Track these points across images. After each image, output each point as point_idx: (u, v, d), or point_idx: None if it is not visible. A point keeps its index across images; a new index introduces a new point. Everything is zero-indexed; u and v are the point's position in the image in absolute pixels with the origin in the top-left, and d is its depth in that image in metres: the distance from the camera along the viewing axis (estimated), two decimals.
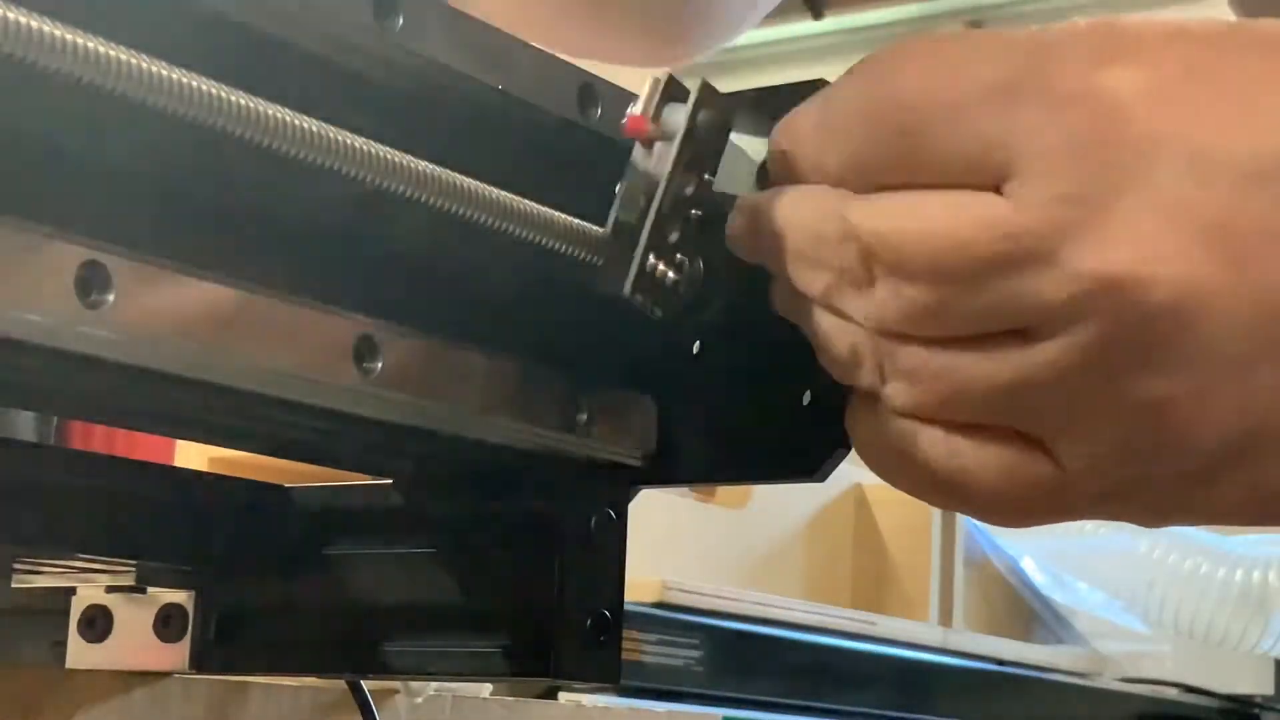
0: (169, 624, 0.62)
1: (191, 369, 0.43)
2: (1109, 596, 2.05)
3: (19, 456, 0.58)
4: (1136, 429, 0.44)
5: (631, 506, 0.56)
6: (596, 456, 0.54)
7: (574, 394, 0.53)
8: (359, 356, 0.46)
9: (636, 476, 0.55)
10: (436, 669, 0.56)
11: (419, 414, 0.49)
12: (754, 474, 0.58)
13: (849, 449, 0.52)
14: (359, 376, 0.46)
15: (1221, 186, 0.43)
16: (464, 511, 0.56)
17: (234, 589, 0.60)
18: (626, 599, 0.55)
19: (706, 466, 0.56)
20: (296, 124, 0.43)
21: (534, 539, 0.54)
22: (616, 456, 0.54)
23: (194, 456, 0.81)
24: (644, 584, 1.26)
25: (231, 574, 0.60)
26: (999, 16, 3.08)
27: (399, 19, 0.47)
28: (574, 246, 0.51)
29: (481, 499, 0.56)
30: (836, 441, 0.52)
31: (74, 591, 0.64)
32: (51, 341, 0.39)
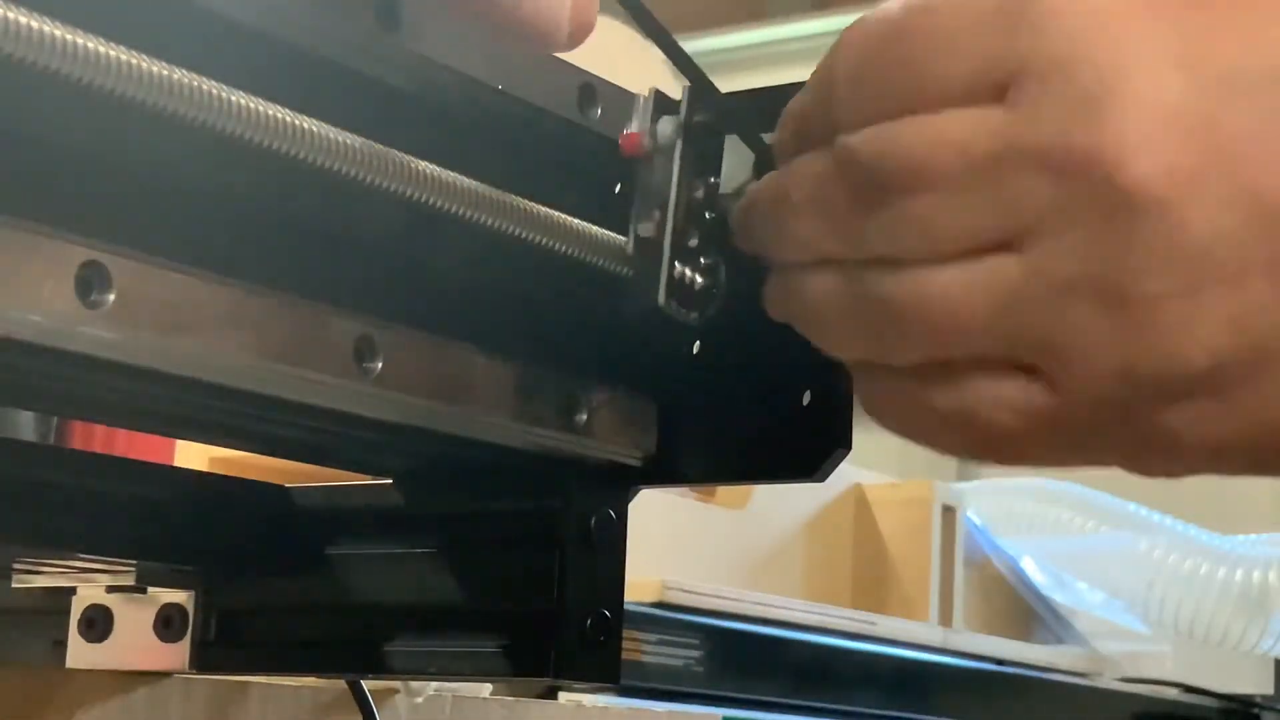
0: (169, 624, 0.62)
1: (191, 369, 0.43)
2: (1109, 596, 2.05)
3: (19, 456, 0.58)
4: (1130, 337, 0.44)
5: (631, 506, 0.56)
6: (596, 456, 0.54)
7: (574, 394, 0.53)
8: (359, 356, 0.46)
9: (636, 476, 0.55)
10: (436, 669, 0.56)
11: (419, 414, 0.49)
12: (754, 474, 0.58)
13: (849, 449, 0.52)
14: (359, 376, 0.46)
15: (1211, 92, 0.43)
16: (464, 511, 0.56)
17: (234, 589, 0.60)
18: (626, 599, 0.55)
19: (706, 466, 0.56)
20: (297, 125, 0.43)
21: (534, 539, 0.54)
22: (616, 456, 0.54)
23: (194, 456, 0.81)
24: (644, 584, 1.26)
25: (231, 574, 0.60)
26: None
27: (400, 20, 0.47)
28: (574, 247, 0.51)
29: (481, 499, 0.56)
30: (836, 441, 0.52)
31: (74, 591, 0.64)
32: (51, 341, 0.39)
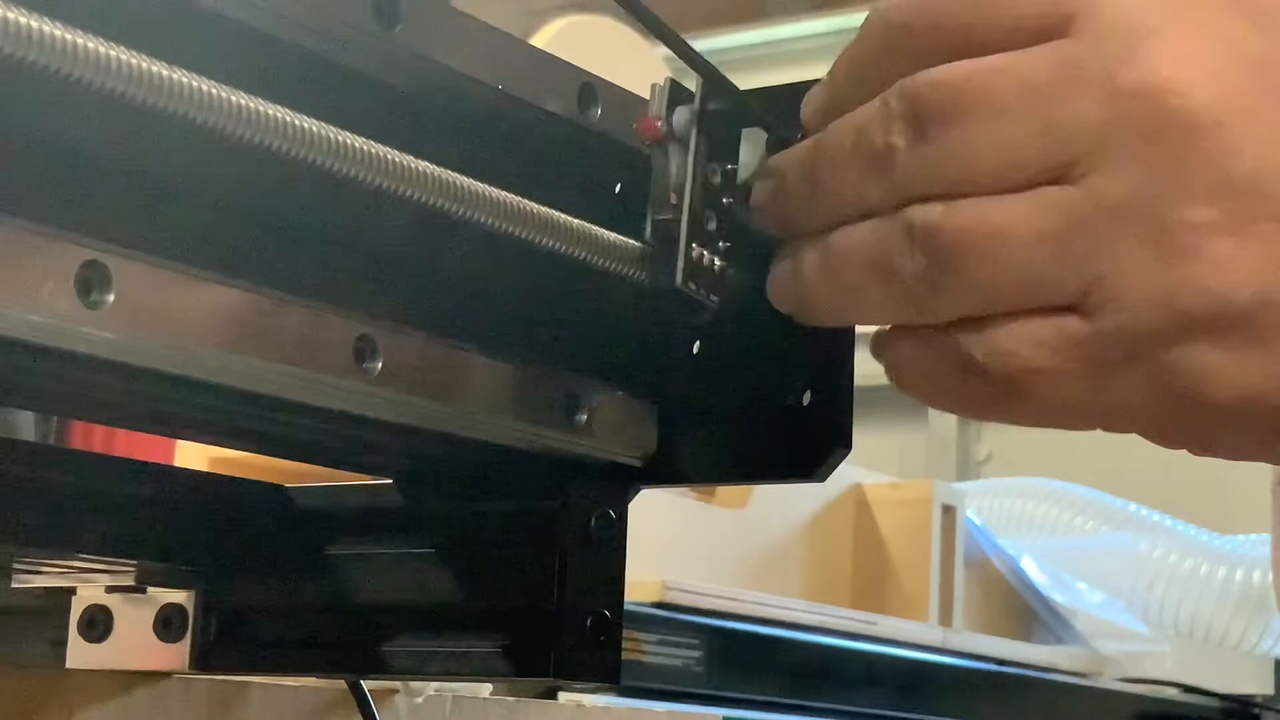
0: (169, 624, 0.62)
1: (191, 369, 0.43)
2: (1109, 596, 2.05)
3: (19, 456, 0.58)
4: (1173, 267, 0.43)
5: (631, 506, 0.56)
6: (596, 456, 0.54)
7: (574, 394, 0.53)
8: (359, 356, 0.46)
9: (636, 476, 0.55)
10: (436, 669, 0.56)
11: (419, 414, 0.49)
12: (754, 474, 0.58)
13: (849, 449, 0.52)
14: (359, 376, 0.46)
15: (1273, 30, 0.43)
16: (464, 511, 0.56)
17: (234, 589, 0.60)
18: (626, 599, 0.55)
19: (706, 466, 0.56)
20: (297, 124, 0.43)
21: (534, 539, 0.54)
22: (616, 456, 0.54)
23: (194, 456, 0.81)
24: (644, 584, 1.26)
25: (231, 574, 0.60)
26: None
27: (400, 19, 0.47)
28: (574, 247, 0.51)
29: (481, 499, 0.56)
30: (836, 441, 0.52)
31: (74, 591, 0.64)
32: (51, 341, 0.39)
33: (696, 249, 0.50)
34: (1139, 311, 0.44)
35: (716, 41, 3.52)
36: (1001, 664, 1.71)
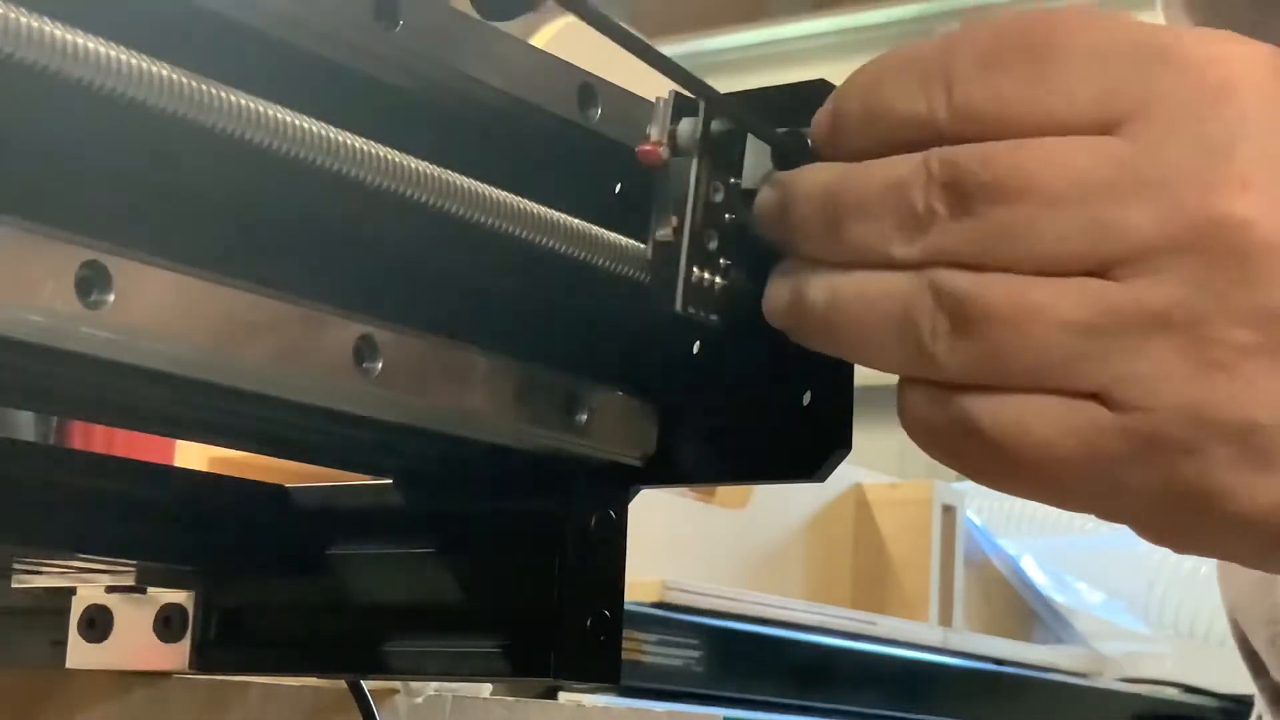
0: (169, 624, 0.62)
1: (191, 369, 0.43)
2: (1109, 596, 2.05)
3: (19, 456, 0.58)
4: (1206, 379, 0.43)
5: (631, 506, 0.56)
6: (596, 456, 0.54)
7: (574, 394, 0.53)
8: (359, 356, 0.46)
9: (636, 476, 0.55)
10: (436, 669, 0.56)
11: (419, 414, 0.49)
12: (754, 474, 0.58)
13: (849, 449, 0.51)
14: (359, 376, 0.46)
15: None
16: (464, 511, 0.56)
17: (234, 589, 0.60)
18: (626, 599, 0.55)
19: (706, 466, 0.56)
20: (297, 124, 0.43)
21: (534, 539, 0.54)
22: (616, 456, 0.54)
23: (194, 456, 0.81)
24: (644, 584, 1.26)
25: (231, 574, 0.60)
26: (999, 16, 3.08)
27: (399, 19, 0.47)
28: (574, 247, 0.51)
29: (481, 499, 0.56)
30: (836, 441, 0.51)
31: (74, 591, 0.64)
32: (51, 341, 0.39)
33: (696, 272, 0.50)
34: (1165, 415, 0.44)
35: (716, 41, 3.52)
36: (1001, 664, 1.71)
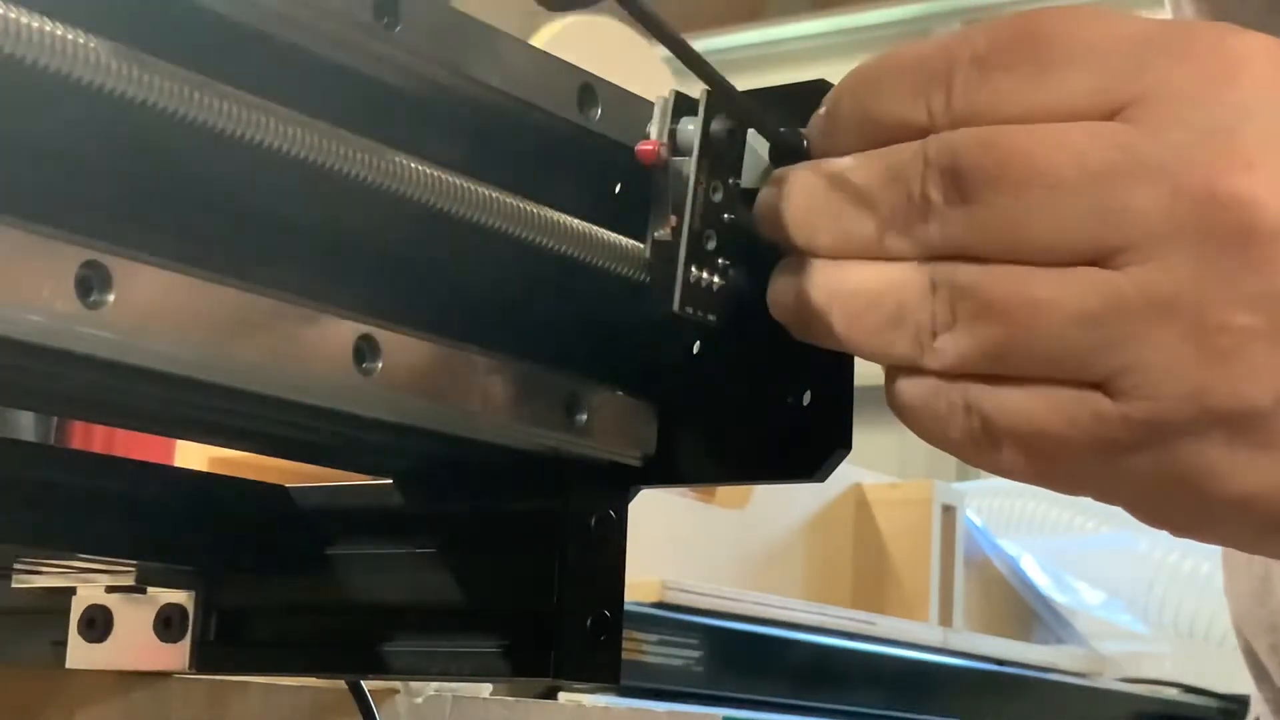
0: (169, 624, 0.62)
1: (191, 369, 0.43)
2: (1109, 596, 2.05)
3: (19, 456, 0.58)
4: (1209, 365, 0.43)
5: (631, 506, 0.56)
6: (596, 456, 0.54)
7: (574, 394, 0.53)
8: (359, 356, 0.46)
9: (636, 476, 0.55)
10: (436, 669, 0.56)
11: (419, 414, 0.49)
12: (754, 474, 0.58)
13: (849, 449, 0.51)
14: (359, 376, 0.46)
15: None
16: (464, 511, 0.56)
17: (234, 589, 0.60)
18: (626, 599, 0.55)
19: (706, 466, 0.56)
20: (296, 124, 0.43)
21: (534, 539, 0.54)
22: (616, 456, 0.54)
23: (194, 456, 0.81)
24: (644, 584, 1.26)
25: (231, 574, 0.60)
26: (999, 16, 3.08)
27: (399, 19, 0.47)
28: (574, 247, 0.51)
29: (481, 499, 0.56)
30: (836, 441, 0.51)
31: (74, 591, 0.64)
32: (51, 341, 0.39)
33: (695, 272, 0.50)
34: (1168, 403, 0.44)
35: (716, 41, 3.52)
36: (1001, 664, 1.71)
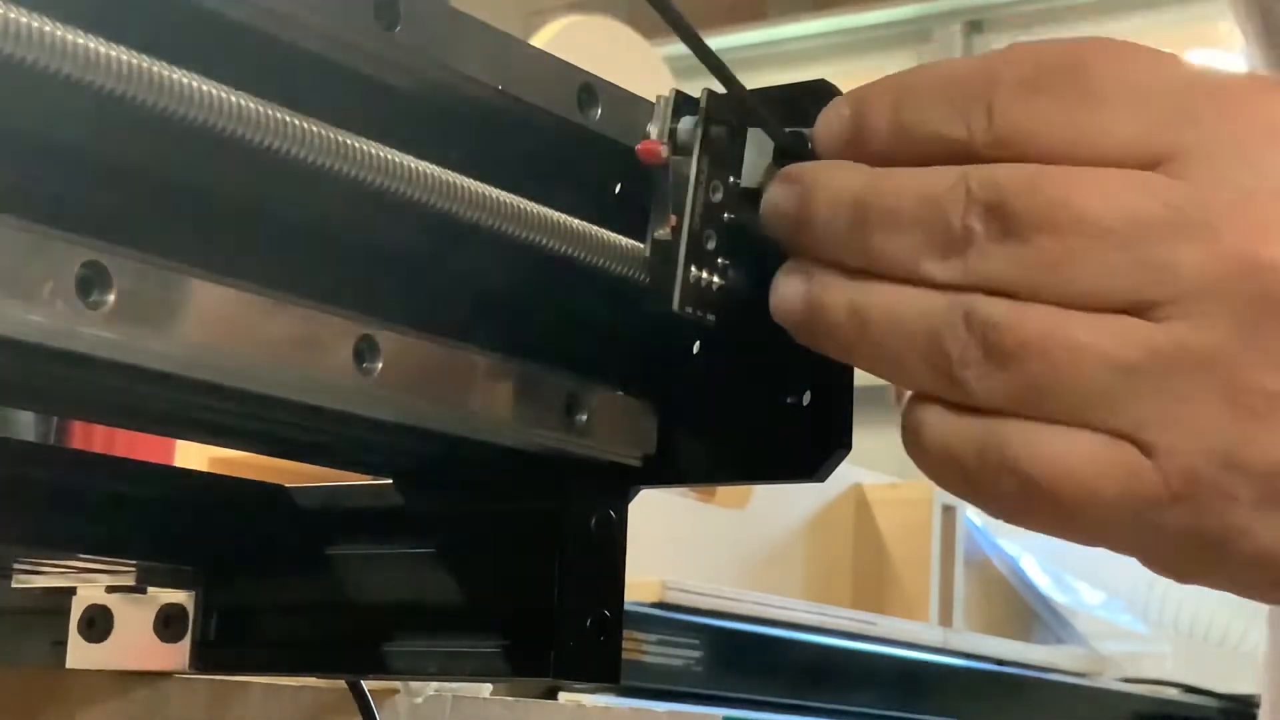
0: (169, 624, 0.62)
1: (191, 369, 0.43)
2: (1109, 596, 2.05)
3: (19, 456, 0.58)
4: (1242, 425, 0.43)
5: (631, 506, 0.56)
6: (596, 456, 0.54)
7: (574, 394, 0.53)
8: (359, 356, 0.46)
9: (636, 476, 0.55)
10: (436, 669, 0.56)
11: (419, 414, 0.49)
12: (754, 474, 0.58)
13: (849, 449, 0.51)
14: (359, 376, 0.46)
15: None
16: (464, 511, 0.56)
17: (234, 589, 0.60)
18: (626, 599, 0.55)
19: (706, 466, 0.56)
20: (296, 124, 0.43)
21: (534, 539, 0.54)
22: (616, 456, 0.54)
23: (194, 456, 0.81)
24: (644, 584, 1.26)
25: (231, 574, 0.60)
26: (999, 17, 3.08)
27: (399, 19, 0.47)
28: (574, 247, 0.51)
29: (481, 499, 0.56)
30: (836, 441, 0.51)
31: (74, 591, 0.64)
32: (51, 341, 0.39)
33: (694, 271, 0.50)
34: (1199, 459, 0.44)
35: (716, 41, 3.51)
36: (1001, 664, 1.71)
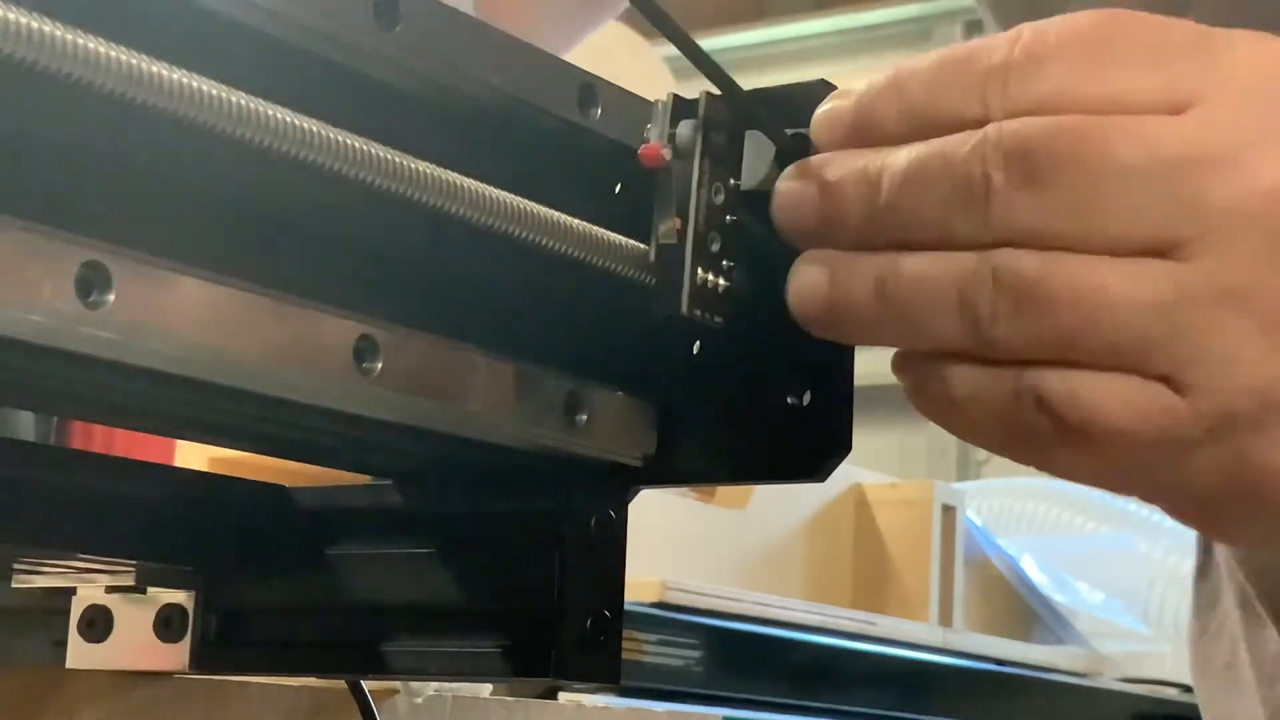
0: (169, 624, 0.62)
1: (191, 369, 0.43)
2: (1109, 596, 2.05)
3: (19, 456, 0.58)
4: (1276, 359, 0.43)
5: (631, 506, 0.56)
6: (596, 456, 0.54)
7: (574, 394, 0.53)
8: (359, 356, 0.46)
9: (636, 476, 0.55)
10: (436, 669, 0.56)
11: (419, 414, 0.49)
12: (754, 474, 0.58)
13: (849, 449, 0.51)
14: (359, 376, 0.46)
15: None
16: (464, 511, 0.56)
17: (234, 589, 0.60)
18: (626, 599, 0.55)
19: (706, 466, 0.56)
20: (296, 124, 0.43)
21: (534, 539, 0.54)
22: (616, 456, 0.54)
23: (194, 456, 0.81)
24: (644, 584, 1.26)
25: (231, 574, 0.60)
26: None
27: (399, 19, 0.47)
28: (574, 247, 0.51)
29: (481, 499, 0.56)
30: (836, 441, 0.51)
31: (74, 591, 0.64)
32: (51, 341, 0.39)
33: (700, 274, 0.50)
34: (1236, 395, 0.43)
35: (716, 41, 3.52)
36: (1001, 664, 1.71)
